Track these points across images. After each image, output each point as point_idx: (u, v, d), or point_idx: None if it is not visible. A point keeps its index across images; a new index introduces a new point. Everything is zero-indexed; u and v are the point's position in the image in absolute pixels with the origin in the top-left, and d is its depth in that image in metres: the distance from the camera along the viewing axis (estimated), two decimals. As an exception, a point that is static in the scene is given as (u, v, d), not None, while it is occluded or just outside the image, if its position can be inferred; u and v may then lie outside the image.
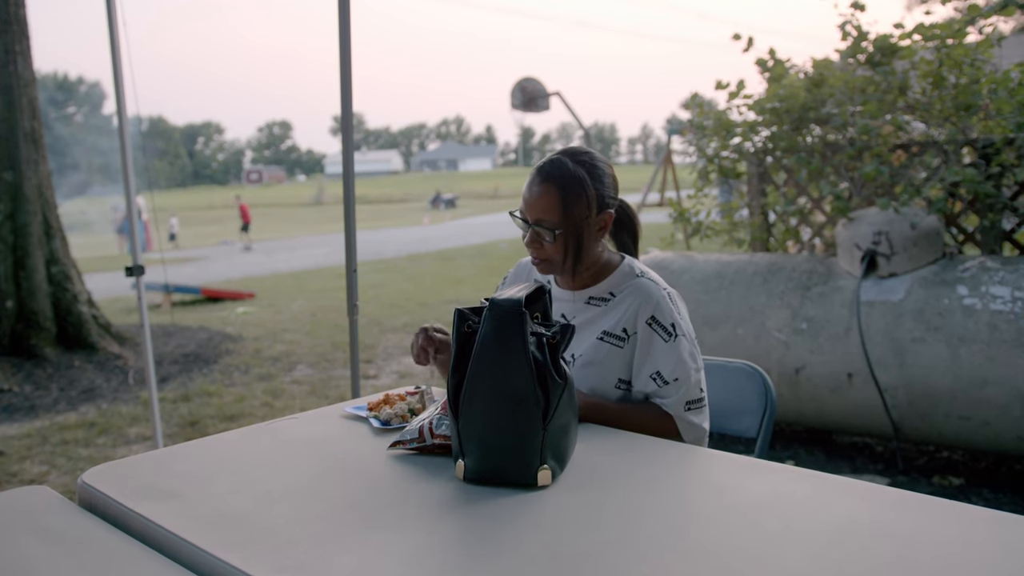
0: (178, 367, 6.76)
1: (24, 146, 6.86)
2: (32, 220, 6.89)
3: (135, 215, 3.79)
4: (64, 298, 7.04)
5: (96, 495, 1.44)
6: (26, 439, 5.02)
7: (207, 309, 10.22)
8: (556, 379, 1.37)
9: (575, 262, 1.82)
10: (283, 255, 19.31)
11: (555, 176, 1.78)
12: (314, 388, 5.99)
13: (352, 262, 3.06)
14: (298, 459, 1.58)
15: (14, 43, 6.80)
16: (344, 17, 3.01)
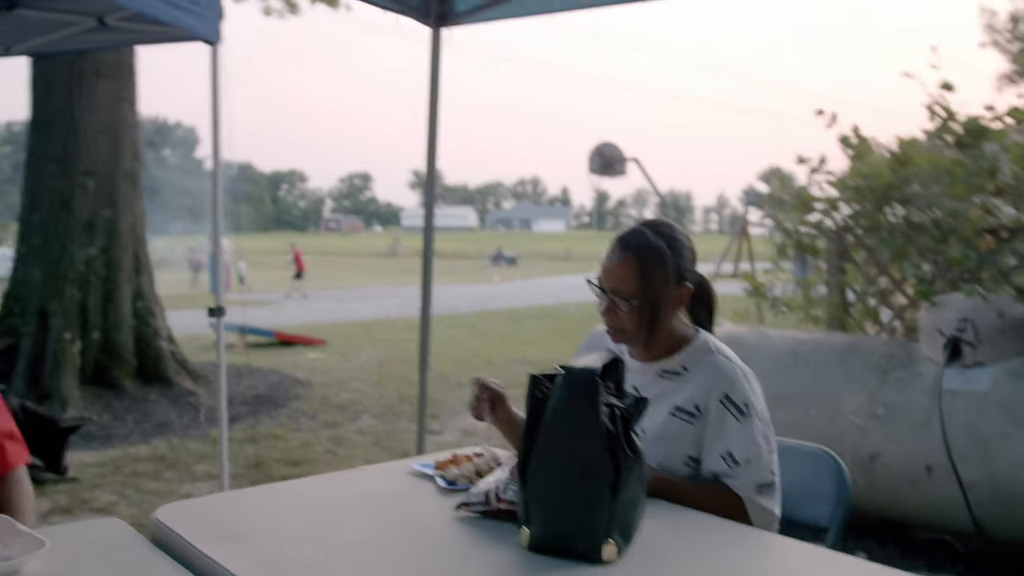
0: (248, 408, 6.90)
1: (123, 185, 7.21)
2: (124, 256, 7.19)
3: (221, 257, 3.93)
4: (146, 333, 7.29)
5: (168, 533, 1.47)
6: (99, 467, 5.16)
7: (279, 352, 10.43)
8: (628, 452, 1.36)
9: (650, 333, 1.82)
10: (355, 304, 19.65)
11: (635, 246, 1.79)
12: (378, 439, 6.03)
13: (427, 318, 3.10)
14: (364, 512, 1.59)
15: (122, 88, 7.20)
16: (434, 80, 3.11)
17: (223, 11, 3.60)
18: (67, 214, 6.95)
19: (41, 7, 3.88)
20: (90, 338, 6.93)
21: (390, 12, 3.02)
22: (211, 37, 3.56)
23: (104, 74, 7.03)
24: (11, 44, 4.23)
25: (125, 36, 4.13)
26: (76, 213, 6.97)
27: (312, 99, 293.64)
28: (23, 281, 6.98)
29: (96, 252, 7.05)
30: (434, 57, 3.11)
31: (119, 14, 3.82)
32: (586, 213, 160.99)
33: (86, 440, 5.83)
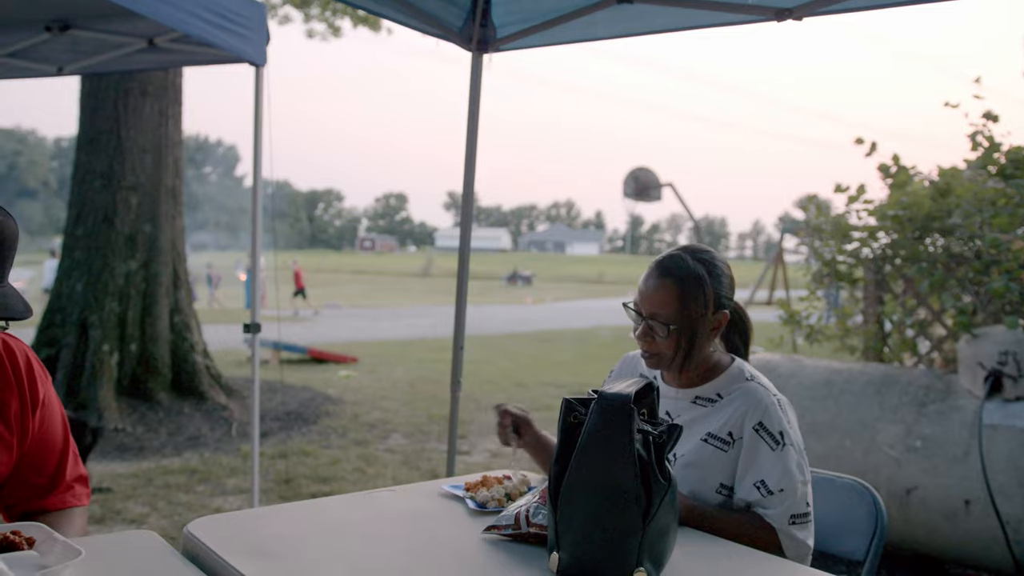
0: (279, 424, 6.95)
1: (165, 201, 7.34)
2: (163, 271, 7.31)
3: (258, 273, 3.98)
4: (182, 347, 7.40)
5: (199, 546, 1.48)
6: (132, 479, 5.22)
7: (312, 369, 10.51)
8: (660, 479, 1.35)
9: (685, 360, 1.81)
10: (388, 323, 19.76)
11: (674, 271, 1.79)
12: (407, 458, 6.04)
13: (460, 339, 3.11)
14: (393, 532, 1.59)
15: (168, 107, 7.36)
16: (474, 104, 3.14)
17: (269, 34, 3.68)
18: (110, 228, 7.10)
19: (93, 28, 3.99)
20: (128, 350, 7.04)
21: (432, 37, 3.06)
22: (257, 59, 3.63)
23: (150, 93, 7.20)
24: (64, 64, 4.35)
25: (173, 57, 4.23)
26: (118, 228, 7.11)
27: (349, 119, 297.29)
28: (65, 293, 7.12)
29: (136, 266, 7.18)
30: (474, 81, 3.14)
31: (168, 35, 3.91)
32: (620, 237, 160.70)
33: (120, 451, 5.92)
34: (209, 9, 3.35)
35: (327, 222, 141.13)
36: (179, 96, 7.52)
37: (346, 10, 11.63)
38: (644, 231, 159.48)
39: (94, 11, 3.84)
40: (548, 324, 19.87)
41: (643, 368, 1.99)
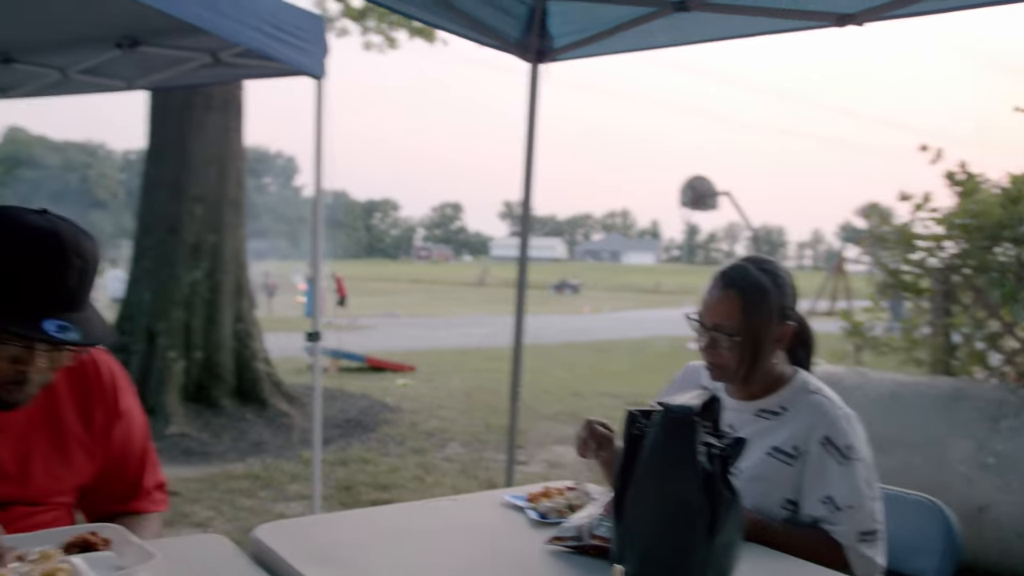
0: (339, 431, 7.04)
1: (227, 212, 7.52)
2: (226, 279, 7.48)
3: (319, 282, 4.05)
4: (244, 354, 7.55)
5: (266, 551, 1.51)
6: (198, 483, 5.34)
7: (370, 377, 10.63)
8: (725, 493, 1.33)
9: (750, 372, 1.78)
10: (444, 332, 19.89)
11: (738, 282, 1.77)
12: (465, 468, 6.06)
13: (519, 349, 3.11)
14: (456, 542, 1.60)
15: (230, 120, 7.54)
16: (532, 114, 3.15)
17: (328, 47, 3.75)
18: (176, 239, 7.29)
19: (161, 44, 4.11)
20: (193, 358, 7.21)
21: (490, 48, 3.09)
22: (317, 72, 3.69)
23: (214, 107, 7.38)
24: (133, 79, 4.49)
25: (236, 71, 4.33)
26: (184, 238, 7.30)
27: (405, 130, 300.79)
28: (134, 301, 7.34)
29: (201, 275, 7.36)
30: (532, 92, 3.16)
31: (232, 50, 4.00)
32: (676, 246, 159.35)
33: (186, 455, 6.06)
34: (271, 24, 3.43)
35: (384, 231, 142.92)
36: (241, 109, 7.70)
37: (402, 22, 11.79)
38: (701, 240, 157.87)
39: (162, 28, 3.95)
40: (604, 334, 19.76)
41: (704, 379, 1.97)
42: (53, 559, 1.28)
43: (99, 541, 1.41)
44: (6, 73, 4.67)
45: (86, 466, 1.62)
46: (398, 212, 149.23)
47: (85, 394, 1.62)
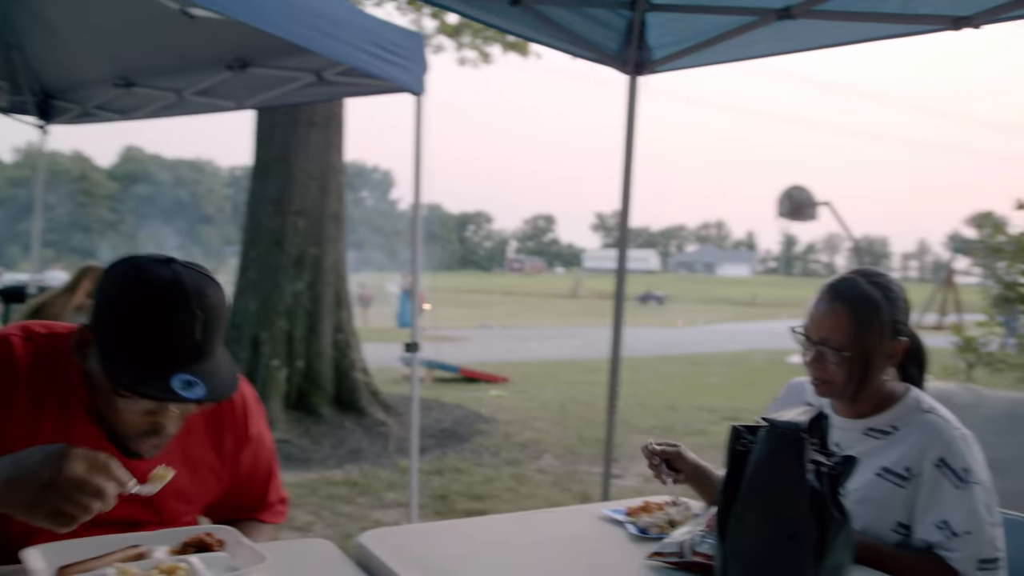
0: (434, 441, 7.13)
1: (328, 225, 7.75)
2: (327, 291, 7.71)
3: (417, 294, 4.12)
4: (343, 364, 7.75)
5: (371, 557, 1.55)
6: (298, 488, 5.50)
7: (464, 388, 10.74)
8: (835, 514, 1.29)
9: (858, 388, 1.72)
10: (537, 343, 19.93)
11: (847, 295, 1.71)
12: (558, 480, 6.05)
13: (616, 361, 3.09)
14: (555, 554, 1.60)
15: (331, 136, 7.78)
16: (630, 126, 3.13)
17: (428, 64, 3.82)
18: (279, 251, 7.56)
19: (269, 65, 4.28)
20: (295, 366, 7.45)
21: (588, 61, 3.09)
22: (417, 89, 3.77)
23: (316, 123, 7.63)
24: (242, 99, 4.69)
25: (339, 89, 4.46)
26: (287, 250, 7.56)
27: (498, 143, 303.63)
28: (240, 311, 7.63)
29: (303, 287, 7.60)
30: (630, 104, 3.14)
31: (335, 69, 4.13)
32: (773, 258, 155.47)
33: (287, 461, 6.25)
34: (372, 42, 3.52)
35: (477, 244, 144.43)
36: (342, 125, 7.93)
37: (496, 37, 11.93)
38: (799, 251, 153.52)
39: (270, 49, 4.11)
40: (699, 347, 19.41)
41: (809, 395, 1.91)
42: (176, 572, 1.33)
43: (214, 542, 1.47)
44: (127, 96, 4.95)
45: (214, 488, 1.67)
46: (491, 224, 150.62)
47: (217, 420, 1.65)
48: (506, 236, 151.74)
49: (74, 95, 5.23)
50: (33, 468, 1.15)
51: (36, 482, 1.14)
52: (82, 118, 5.38)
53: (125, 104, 5.11)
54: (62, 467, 1.13)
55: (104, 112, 5.24)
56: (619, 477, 6.25)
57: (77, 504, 1.17)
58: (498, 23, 3.01)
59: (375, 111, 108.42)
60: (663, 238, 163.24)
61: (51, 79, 5.18)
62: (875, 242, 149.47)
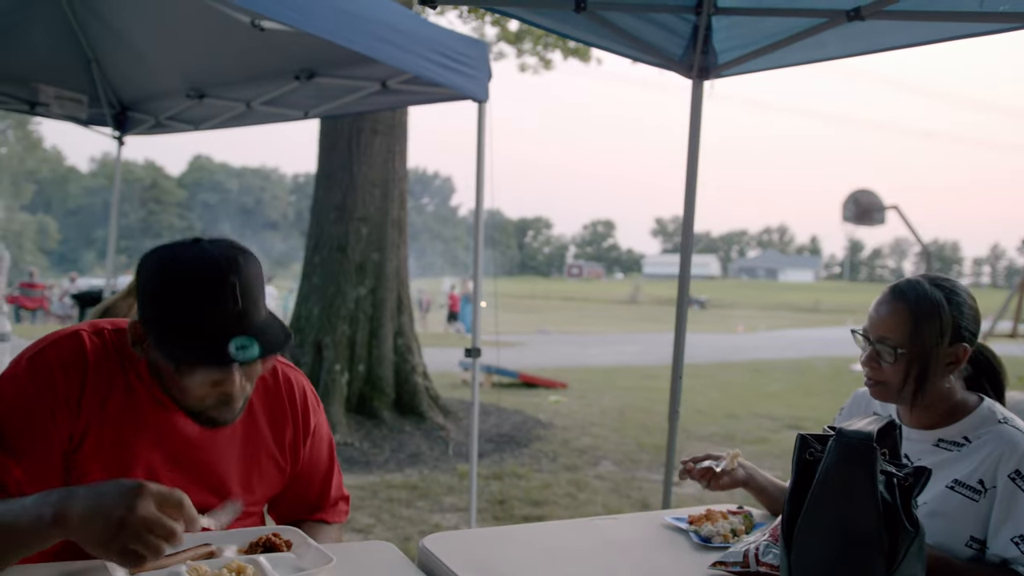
0: (492, 445, 7.16)
1: (391, 231, 7.85)
2: (389, 296, 7.81)
3: (479, 300, 4.14)
4: (404, 368, 7.83)
5: (435, 561, 1.56)
6: (359, 491, 5.58)
7: (523, 393, 10.76)
8: (907, 526, 1.26)
9: (915, 391, 1.68)
10: (595, 349, 19.86)
11: (908, 295, 1.68)
12: (617, 486, 6.02)
13: (679, 368, 3.07)
14: (618, 561, 1.60)
15: (395, 143, 7.88)
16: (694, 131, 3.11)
17: (491, 72, 3.86)
18: (342, 257, 7.68)
19: (335, 75, 4.37)
20: (356, 371, 7.56)
21: (652, 66, 3.08)
22: (481, 96, 3.81)
23: (379, 131, 7.74)
24: (309, 108, 4.79)
25: (403, 97, 4.53)
26: (350, 256, 7.68)
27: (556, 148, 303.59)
28: (304, 316, 7.78)
29: (365, 292, 7.71)
30: (695, 109, 3.12)
31: (400, 77, 4.19)
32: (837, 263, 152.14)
33: (348, 464, 6.34)
34: (437, 51, 3.58)
35: (536, 249, 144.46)
36: (404, 133, 8.03)
37: (557, 43, 11.95)
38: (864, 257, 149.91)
39: (336, 60, 4.20)
40: (759, 354, 19.10)
41: (877, 405, 1.87)
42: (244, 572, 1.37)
43: (282, 543, 1.51)
44: (198, 107, 5.11)
45: (276, 479, 1.72)
46: (550, 230, 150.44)
47: (277, 412, 1.71)
48: (565, 242, 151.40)
49: (148, 107, 5.41)
50: (108, 505, 1.17)
51: (110, 520, 1.16)
52: (155, 129, 5.56)
53: (196, 115, 5.27)
54: (135, 506, 1.16)
55: (176, 123, 5.41)
56: (678, 485, 6.18)
57: (147, 545, 1.20)
58: (563, 30, 3.02)
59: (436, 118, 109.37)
60: (724, 243, 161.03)
61: (127, 92, 5.37)
62: (945, 246, 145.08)
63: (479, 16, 11.40)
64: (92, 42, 4.87)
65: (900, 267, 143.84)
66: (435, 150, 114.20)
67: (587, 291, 70.47)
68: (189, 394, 1.47)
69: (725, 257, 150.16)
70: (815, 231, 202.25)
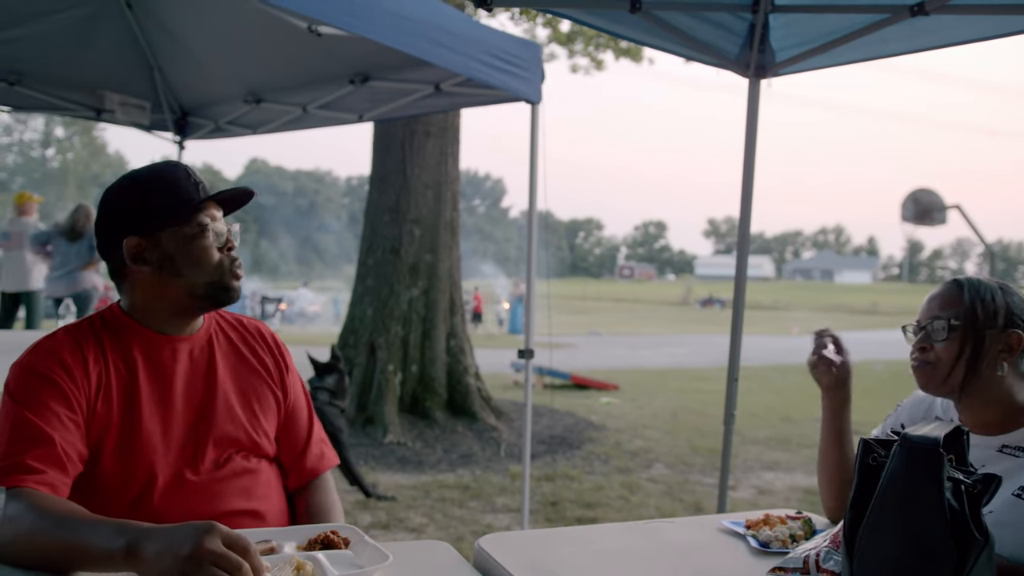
0: (544, 447, 7.16)
1: (443, 233, 7.91)
2: (441, 297, 7.86)
3: (532, 301, 4.15)
4: (456, 369, 7.88)
5: (491, 562, 1.57)
6: (412, 490, 5.62)
7: (574, 395, 10.73)
8: (975, 535, 1.23)
9: (965, 375, 1.66)
10: (647, 351, 19.72)
11: (962, 280, 1.72)
12: (670, 489, 5.97)
13: (735, 371, 3.03)
14: (674, 565, 1.59)
15: (448, 146, 7.94)
16: (751, 131, 3.07)
17: (544, 73, 3.86)
18: (396, 258, 7.76)
19: (389, 78, 4.42)
20: (409, 371, 7.62)
21: (707, 65, 3.05)
22: (533, 97, 3.82)
23: (432, 133, 7.80)
24: (363, 112, 4.85)
25: (456, 100, 4.55)
26: (403, 257, 7.75)
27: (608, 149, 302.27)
28: (358, 316, 7.87)
29: (418, 293, 7.77)
30: (751, 108, 3.07)
31: (453, 80, 4.22)
32: (895, 264, 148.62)
33: (402, 464, 6.40)
34: (490, 53, 3.59)
35: (587, 250, 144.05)
36: (457, 135, 8.08)
37: (609, 43, 11.89)
38: (924, 258, 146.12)
39: (391, 63, 4.24)
40: (816, 357, 18.66)
41: (939, 410, 1.83)
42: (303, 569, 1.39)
43: (339, 540, 1.53)
44: (256, 112, 5.21)
45: (275, 406, 1.85)
46: (601, 231, 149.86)
47: (258, 347, 1.87)
48: (616, 243, 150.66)
49: (207, 112, 5.54)
50: (178, 542, 1.20)
51: (179, 555, 1.19)
52: (214, 133, 5.68)
53: (253, 119, 5.37)
54: (203, 541, 1.18)
55: (234, 127, 5.52)
56: (732, 489, 6.11)
57: None
58: (617, 30, 3.00)
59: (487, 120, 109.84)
60: (778, 244, 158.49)
61: (187, 98, 5.51)
62: (1010, 247, 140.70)
63: (531, 18, 11.41)
64: (155, 50, 5.00)
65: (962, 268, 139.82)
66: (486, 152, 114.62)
67: (638, 292, 69.96)
68: (209, 263, 1.67)
69: (779, 258, 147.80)
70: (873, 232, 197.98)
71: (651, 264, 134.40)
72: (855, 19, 2.74)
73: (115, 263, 1.70)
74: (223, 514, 1.66)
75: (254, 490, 1.74)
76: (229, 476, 1.71)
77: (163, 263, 1.65)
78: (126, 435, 1.62)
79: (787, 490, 6.14)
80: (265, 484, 1.78)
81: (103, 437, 1.60)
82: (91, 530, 1.32)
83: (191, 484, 1.66)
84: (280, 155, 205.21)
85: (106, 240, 1.69)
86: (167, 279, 1.67)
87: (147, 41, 4.91)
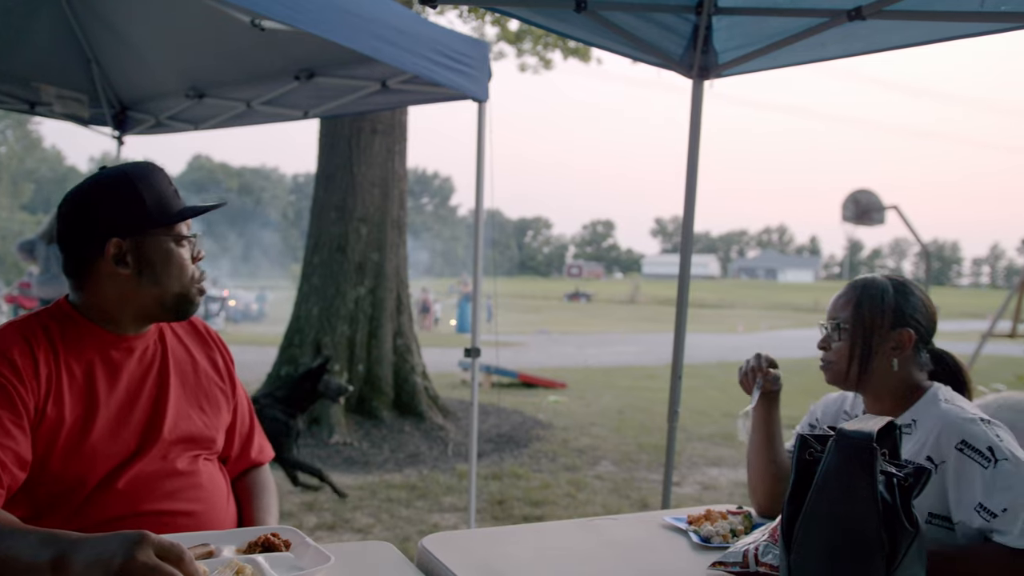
0: (492, 446, 7.16)
1: (390, 232, 7.85)
2: (388, 296, 7.80)
3: (479, 300, 4.14)
4: (403, 368, 7.83)
5: (434, 561, 1.56)
6: (359, 490, 5.57)
7: (522, 393, 10.75)
8: (907, 526, 1.26)
9: (860, 370, 1.79)
10: (594, 349, 19.84)
11: (859, 283, 1.85)
12: (617, 487, 6.01)
13: (679, 368, 3.07)
14: (617, 561, 1.60)
15: (395, 143, 7.88)
16: (694, 132, 3.11)
17: (491, 71, 3.85)
18: (342, 257, 7.68)
19: (335, 75, 4.36)
20: (355, 371, 7.55)
21: (651, 66, 3.08)
22: (481, 96, 3.81)
23: (379, 131, 7.74)
24: (309, 108, 4.78)
25: (403, 97, 4.52)
26: (350, 256, 7.67)
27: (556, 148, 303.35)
28: (303, 316, 7.77)
29: (364, 292, 7.70)
30: (695, 109, 3.11)
31: (400, 77, 4.18)
32: (837, 263, 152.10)
33: (348, 464, 6.34)
34: (438, 51, 3.57)
35: (535, 249, 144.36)
36: (404, 133, 8.02)
37: (557, 43, 11.94)
38: (864, 257, 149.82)
39: (337, 60, 4.19)
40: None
41: (847, 406, 1.98)
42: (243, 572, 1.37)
43: (280, 543, 1.51)
44: (198, 107, 5.10)
45: (224, 405, 1.86)
46: (550, 230, 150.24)
47: (205, 344, 1.90)
48: (565, 242, 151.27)
49: (148, 106, 5.40)
50: (109, 553, 1.17)
51: (110, 568, 1.15)
52: (155, 129, 5.55)
53: (196, 115, 5.26)
54: (135, 553, 1.15)
55: (176, 122, 5.40)
56: (678, 485, 6.18)
57: None
58: (563, 29, 3.01)
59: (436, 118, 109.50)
60: (723, 243, 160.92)
61: (127, 91, 5.36)
62: (945, 246, 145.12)
63: (479, 16, 11.40)
64: (92, 42, 4.86)
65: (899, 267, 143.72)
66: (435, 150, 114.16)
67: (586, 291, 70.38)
68: (182, 274, 1.68)
69: (725, 257, 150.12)
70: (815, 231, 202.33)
71: (599, 263, 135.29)
72: (796, 23, 2.80)
73: (83, 260, 1.66)
74: (172, 513, 1.65)
75: (202, 489, 1.73)
76: (179, 474, 1.69)
77: (142, 268, 1.66)
78: (77, 436, 1.59)
79: (731, 485, 6.23)
80: (214, 483, 1.77)
81: (52, 439, 1.56)
82: (17, 541, 1.27)
83: (143, 483, 1.64)
84: (225, 152, 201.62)
85: (83, 237, 1.65)
86: (143, 284, 1.66)
87: (84, 32, 4.77)
